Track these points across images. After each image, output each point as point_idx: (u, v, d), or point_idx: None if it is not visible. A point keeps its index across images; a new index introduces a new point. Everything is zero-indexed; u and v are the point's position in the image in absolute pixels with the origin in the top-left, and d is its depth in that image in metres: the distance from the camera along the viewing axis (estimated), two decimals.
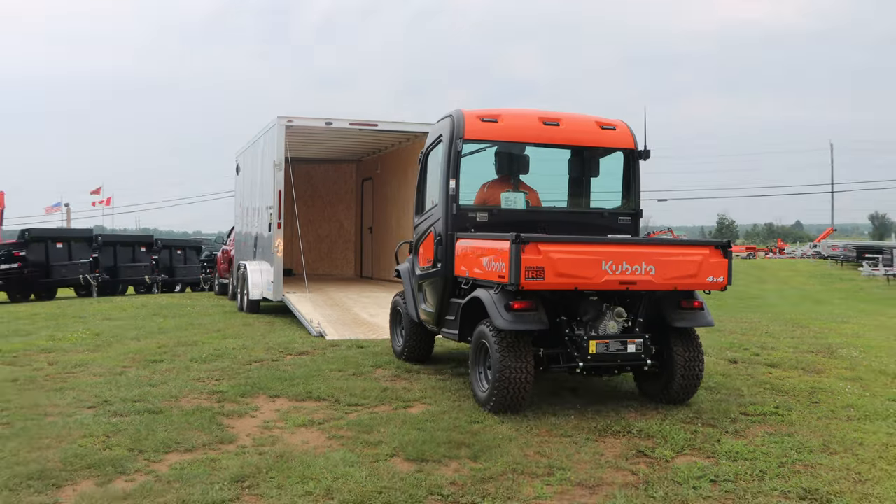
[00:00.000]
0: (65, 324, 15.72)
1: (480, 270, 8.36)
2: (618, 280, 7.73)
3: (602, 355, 7.91)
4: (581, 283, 7.68)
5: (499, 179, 9.78)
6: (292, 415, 7.84)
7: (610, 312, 8.11)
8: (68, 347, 12.07)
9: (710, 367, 10.21)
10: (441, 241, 9.33)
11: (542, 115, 9.64)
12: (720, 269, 8.04)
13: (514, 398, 7.84)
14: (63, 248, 28.18)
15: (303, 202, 22.49)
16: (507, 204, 9.44)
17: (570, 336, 8.06)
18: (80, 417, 7.65)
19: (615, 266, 7.70)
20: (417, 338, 10.55)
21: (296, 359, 10.90)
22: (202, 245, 37.98)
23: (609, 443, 7.00)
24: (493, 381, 7.87)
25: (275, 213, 15.80)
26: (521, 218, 9.38)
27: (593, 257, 7.66)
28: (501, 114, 9.55)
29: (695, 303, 8.35)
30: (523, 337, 7.92)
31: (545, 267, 7.55)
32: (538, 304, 7.90)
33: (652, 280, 7.82)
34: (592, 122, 9.71)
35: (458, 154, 9.18)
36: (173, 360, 10.76)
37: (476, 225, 9.24)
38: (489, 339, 8.00)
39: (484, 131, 9.35)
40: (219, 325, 14.78)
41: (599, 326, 8.06)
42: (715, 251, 8.06)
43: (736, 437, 7.19)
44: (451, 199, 9.19)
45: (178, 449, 6.72)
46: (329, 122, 16.03)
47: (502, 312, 7.82)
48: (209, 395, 8.62)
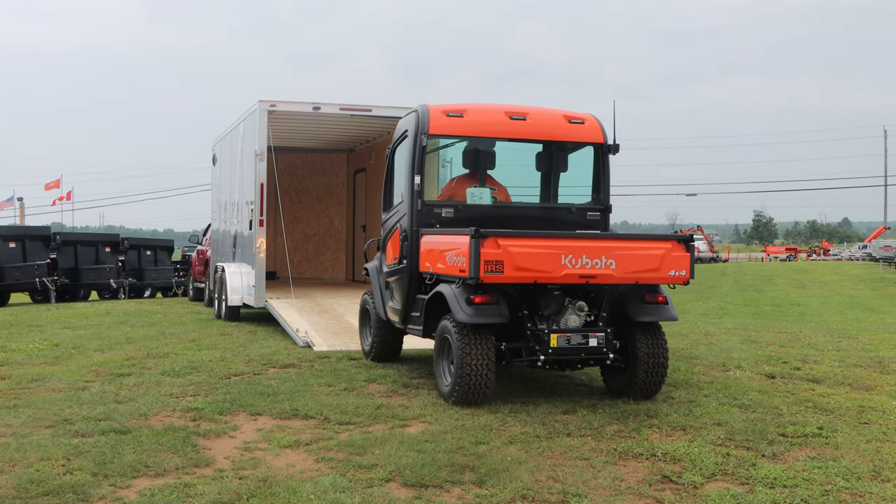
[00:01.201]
0: (19, 333, 15.75)
1: (443, 265, 9.26)
2: (578, 273, 8.63)
3: (563, 349, 8.83)
4: (540, 276, 8.62)
5: (466, 175, 10.76)
6: (276, 435, 7.87)
7: (572, 306, 8.96)
8: (23, 360, 12.10)
9: (745, 383, 10.23)
10: (406, 238, 10.20)
11: (509, 109, 10.52)
12: (682, 264, 8.96)
13: (475, 391, 8.80)
14: (16, 248, 28.12)
15: (287, 197, 22.52)
16: (473, 200, 10.32)
17: (532, 330, 8.98)
18: (37, 438, 7.67)
19: (575, 260, 8.61)
20: (386, 336, 11.43)
21: (280, 372, 10.93)
22: (186, 244, 38.01)
23: (630, 466, 7.02)
24: (455, 374, 8.82)
25: (256, 210, 15.83)
26: (487, 213, 10.21)
27: (552, 251, 8.60)
28: (467, 108, 10.41)
29: (658, 297, 9.28)
30: (484, 330, 8.88)
31: (504, 261, 8.49)
32: (499, 298, 8.87)
33: (612, 274, 8.72)
34: (560, 116, 10.63)
35: (422, 150, 10.09)
36: (142, 374, 10.79)
37: (442, 221, 10.13)
38: (451, 333, 8.95)
39: (449, 126, 10.25)
40: (193, 335, 14.81)
41: (561, 320, 8.94)
42: (677, 245, 9.03)
43: (774, 461, 7.21)
44: (417, 194, 10.09)
45: (147, 473, 6.74)
46: (317, 108, 16.03)
47: (463, 306, 8.76)
48: (183, 413, 8.65)
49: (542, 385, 9.96)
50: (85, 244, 31.37)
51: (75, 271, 29.90)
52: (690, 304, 28.36)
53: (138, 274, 33.41)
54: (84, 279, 30.19)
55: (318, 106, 16.03)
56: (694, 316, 22.13)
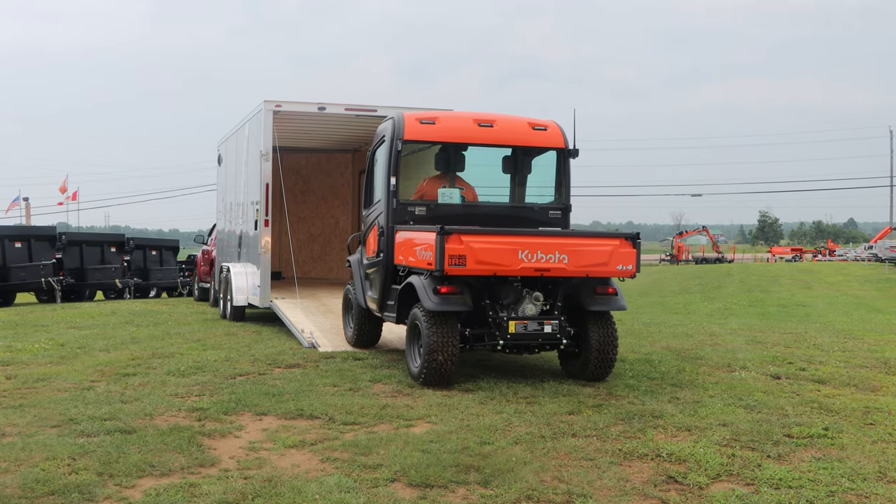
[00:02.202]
0: (24, 333, 15.78)
1: (414, 259, 10.40)
2: (533, 267, 9.80)
3: (521, 335, 9.99)
4: (499, 269, 9.78)
5: (437, 176, 11.77)
6: (281, 434, 7.88)
7: (529, 296, 10.13)
8: (28, 359, 12.12)
9: (751, 384, 10.22)
10: (383, 233, 11.34)
11: (478, 116, 11.68)
12: (629, 259, 10.11)
13: (441, 372, 9.88)
14: (22, 249, 28.14)
15: (293, 196, 22.53)
16: (444, 199, 11.39)
17: (493, 317, 10.14)
18: (43, 438, 7.69)
19: (531, 255, 9.76)
20: (366, 324, 12.59)
21: (285, 372, 10.94)
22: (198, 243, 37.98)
23: (636, 467, 7.02)
24: (423, 357, 9.89)
25: (261, 210, 15.83)
26: (456, 212, 11.30)
27: (510, 247, 9.75)
28: (439, 116, 11.68)
29: (609, 289, 10.39)
30: (450, 317, 9.97)
31: (467, 255, 9.64)
32: (463, 289, 9.99)
33: (565, 268, 9.89)
34: (525, 123, 11.72)
35: (398, 154, 11.18)
36: (147, 374, 10.81)
37: (415, 218, 11.20)
38: (420, 319, 10.03)
39: (422, 133, 11.37)
40: (199, 335, 14.83)
41: (519, 309, 10.10)
42: (625, 242, 10.15)
43: (779, 461, 7.20)
44: (392, 194, 11.18)
45: (153, 473, 6.75)
46: (322, 108, 16.02)
47: (431, 296, 9.87)
48: (188, 413, 8.66)
49: (547, 386, 9.96)
50: (90, 244, 31.41)
51: (81, 271, 29.93)
52: (696, 304, 28.34)
53: (144, 274, 33.45)
54: (89, 279, 30.23)
55: (324, 106, 16.03)
56: (699, 316, 22.11)
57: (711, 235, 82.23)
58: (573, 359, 10.64)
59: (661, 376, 10.59)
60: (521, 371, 10.87)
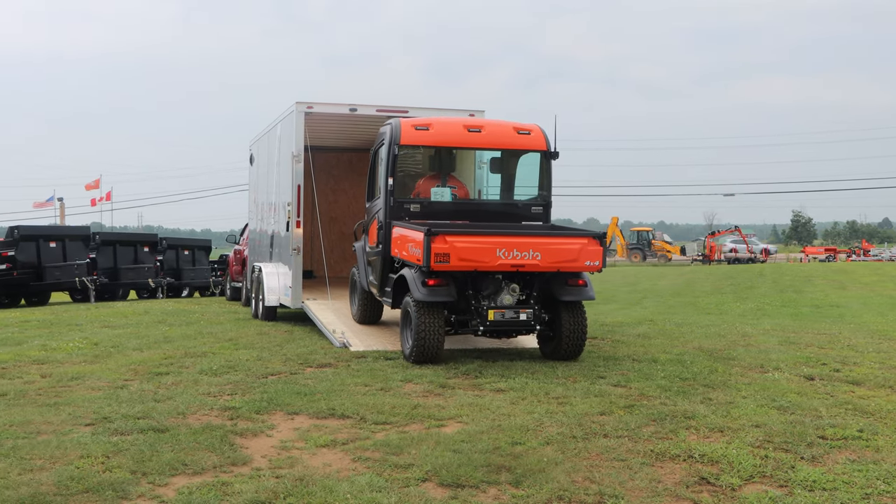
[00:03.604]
0: (59, 332, 15.92)
1: (406, 254, 11.77)
2: (510, 263, 11.18)
3: (499, 321, 11.43)
4: (479, 265, 11.16)
5: (431, 176, 13.37)
6: (313, 434, 7.91)
7: (507, 288, 11.56)
8: (63, 358, 12.23)
9: (784, 385, 10.16)
10: (382, 228, 12.82)
11: (467, 122, 13.28)
12: (596, 255, 11.49)
13: (429, 352, 11.35)
14: (57, 248, 28.35)
15: (324, 196, 22.55)
16: (436, 197, 12.99)
17: (475, 306, 11.55)
18: (77, 436, 7.76)
19: (507, 252, 11.12)
20: (368, 304, 14.27)
21: (317, 371, 10.98)
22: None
23: (668, 468, 6.99)
24: (413, 340, 11.36)
25: (293, 211, 15.88)
26: (447, 209, 12.94)
27: (489, 246, 11.12)
28: (432, 122, 13.06)
29: (579, 281, 11.74)
30: (436, 306, 11.41)
31: (450, 253, 11.00)
32: (449, 281, 11.37)
33: (538, 263, 11.25)
34: (510, 128, 13.20)
35: (395, 157, 12.62)
36: (180, 373, 10.88)
37: (410, 214, 12.68)
38: (411, 307, 11.49)
39: (417, 138, 12.79)
40: (231, 334, 14.91)
41: (498, 299, 11.54)
42: (592, 240, 11.52)
43: (813, 463, 7.15)
44: (389, 193, 12.65)
45: (185, 471, 6.79)
46: (353, 109, 16.02)
47: (420, 287, 11.29)
48: (220, 412, 8.71)
49: (578, 386, 9.93)
50: (124, 244, 31.65)
51: (114, 271, 30.18)
52: (728, 304, 28.15)
53: (176, 273, 33.66)
54: (123, 279, 30.47)
55: (355, 107, 16.03)
56: (732, 317, 21.97)
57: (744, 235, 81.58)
58: (549, 342, 12.05)
59: (694, 377, 10.54)
60: (552, 371, 10.85)
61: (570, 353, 11.81)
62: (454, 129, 13.03)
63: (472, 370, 10.88)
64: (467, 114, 15.99)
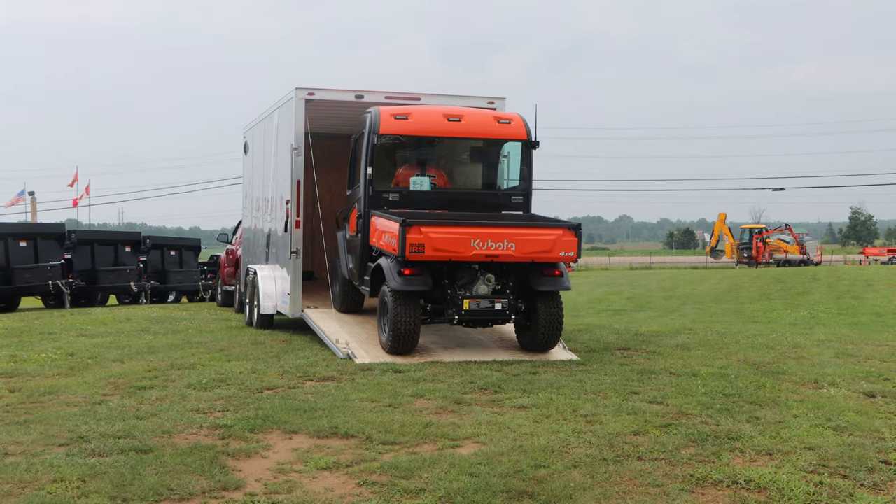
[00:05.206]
0: (30, 341, 15.97)
1: (384, 243, 12.97)
2: (484, 254, 12.38)
3: (474, 311, 12.72)
4: (454, 255, 12.41)
5: (410, 165, 14.57)
6: (313, 455, 7.92)
7: (482, 278, 12.82)
8: (34, 371, 12.27)
9: (841, 402, 10.12)
10: (361, 216, 14.11)
11: (447, 111, 14.40)
12: (571, 246, 12.71)
13: (404, 342, 12.64)
14: (28, 248, 28.38)
15: (327, 188, 22.50)
16: (415, 186, 14.21)
17: (451, 296, 12.85)
18: (50, 458, 7.77)
19: (482, 243, 12.33)
20: (349, 292, 15.60)
21: (318, 386, 10.99)
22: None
23: (710, 495, 6.98)
24: (390, 329, 12.63)
25: (293, 209, 15.88)
26: (426, 198, 14.16)
27: (463, 236, 12.34)
28: (412, 111, 14.23)
29: (555, 271, 13.03)
30: (412, 296, 12.64)
31: (425, 244, 12.19)
32: (424, 271, 12.59)
33: (512, 254, 12.46)
34: (490, 117, 14.51)
35: (373, 146, 13.86)
36: (165, 387, 10.90)
37: (389, 204, 13.91)
38: (387, 296, 12.71)
39: (397, 127, 13.99)
40: (222, 344, 14.94)
41: (473, 288, 12.80)
42: (567, 231, 12.74)
43: (874, 491, 7.13)
44: (368, 182, 13.90)
45: (171, 497, 6.81)
46: (360, 96, 15.91)
47: (396, 277, 12.52)
48: (210, 430, 8.73)
49: (609, 403, 9.91)
50: (103, 243, 31.58)
51: (92, 273, 30.14)
52: (777, 312, 28.10)
53: (161, 276, 33.69)
54: (102, 282, 30.46)
55: (361, 94, 15.90)
56: (782, 326, 21.94)
57: (795, 235, 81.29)
58: (526, 332, 13.40)
59: (738, 393, 10.51)
60: (579, 386, 10.84)
61: (546, 342, 13.16)
62: (434, 118, 14.25)
63: (491, 384, 10.88)
64: (486, 101, 16.10)
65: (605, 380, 11.34)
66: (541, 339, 13.14)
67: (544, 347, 13.21)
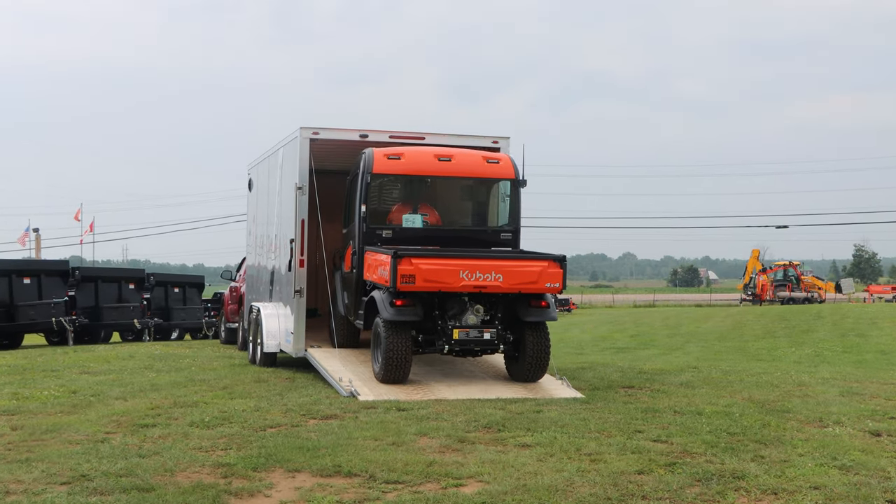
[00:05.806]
0: (33, 379, 15.95)
1: (377, 276, 13.51)
2: (472, 285, 13.01)
3: (463, 340, 13.28)
4: (444, 286, 13.01)
5: (403, 203, 15.16)
6: (316, 494, 7.90)
7: (471, 308, 13.37)
8: (37, 408, 12.25)
9: (846, 441, 10.09)
10: (356, 253, 14.71)
11: (438, 152, 15.07)
12: (556, 278, 13.32)
13: (396, 370, 13.24)
14: (31, 285, 28.37)
15: (331, 226, 22.53)
16: (407, 224, 14.82)
17: (441, 326, 13.41)
18: (52, 496, 7.76)
19: (470, 274, 12.95)
20: (345, 327, 16.04)
21: (321, 424, 10.97)
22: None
23: None
24: (382, 359, 13.21)
25: (297, 248, 15.89)
26: (418, 234, 14.78)
27: (453, 268, 12.95)
28: (404, 152, 14.89)
29: (542, 302, 13.56)
30: (404, 326, 13.15)
31: (416, 275, 12.78)
32: (416, 302, 13.14)
33: (500, 285, 13.09)
34: (479, 157, 15.24)
35: (367, 185, 14.56)
36: (168, 425, 10.88)
37: (382, 240, 14.52)
38: (380, 327, 13.24)
39: (390, 167, 14.68)
40: (225, 381, 14.92)
41: (462, 319, 13.35)
42: (553, 263, 13.36)
43: None
44: (363, 220, 14.60)
45: None
46: (364, 136, 15.97)
47: (388, 308, 13.04)
48: (213, 469, 8.71)
49: (613, 441, 9.88)
50: (106, 280, 31.65)
51: (96, 310, 30.16)
52: (782, 350, 28.04)
53: (165, 313, 33.71)
54: (105, 319, 30.46)
55: (366, 134, 15.96)
56: (786, 364, 21.88)
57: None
58: (514, 362, 14.02)
59: (743, 431, 10.48)
60: (583, 424, 10.80)
61: (534, 372, 13.82)
62: (425, 159, 14.94)
63: (494, 423, 10.85)
64: (490, 140, 16.21)
65: (610, 418, 11.30)
66: (528, 369, 13.74)
67: (533, 377, 13.80)
